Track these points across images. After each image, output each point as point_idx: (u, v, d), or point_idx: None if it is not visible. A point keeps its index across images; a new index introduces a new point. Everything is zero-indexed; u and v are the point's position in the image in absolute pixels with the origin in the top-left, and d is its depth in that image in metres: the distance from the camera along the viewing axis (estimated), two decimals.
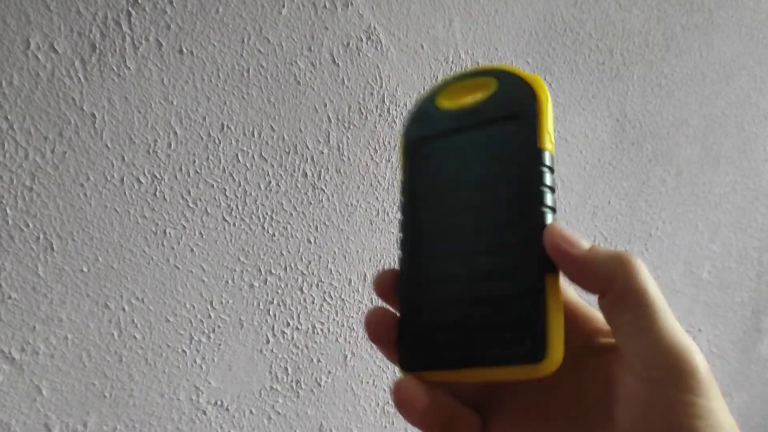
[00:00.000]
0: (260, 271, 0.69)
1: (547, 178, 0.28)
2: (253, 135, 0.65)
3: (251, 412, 0.72)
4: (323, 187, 0.69)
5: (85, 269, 0.61)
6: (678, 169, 0.92)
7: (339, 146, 0.69)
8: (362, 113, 0.69)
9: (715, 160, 0.95)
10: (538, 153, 0.28)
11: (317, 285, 0.72)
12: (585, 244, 0.27)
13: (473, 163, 0.29)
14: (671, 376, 0.24)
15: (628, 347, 0.26)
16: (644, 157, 0.89)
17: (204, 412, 0.70)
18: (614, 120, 0.84)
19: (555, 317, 0.26)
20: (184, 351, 0.67)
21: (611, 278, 0.26)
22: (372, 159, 0.71)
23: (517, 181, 0.28)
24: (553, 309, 0.26)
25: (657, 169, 0.90)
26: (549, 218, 0.27)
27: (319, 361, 0.75)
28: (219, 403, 0.70)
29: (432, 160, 0.31)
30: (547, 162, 0.28)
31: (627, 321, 0.25)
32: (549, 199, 0.28)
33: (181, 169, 0.62)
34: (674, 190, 0.93)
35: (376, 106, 0.70)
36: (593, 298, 0.27)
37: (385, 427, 0.81)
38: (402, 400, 0.28)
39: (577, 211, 0.86)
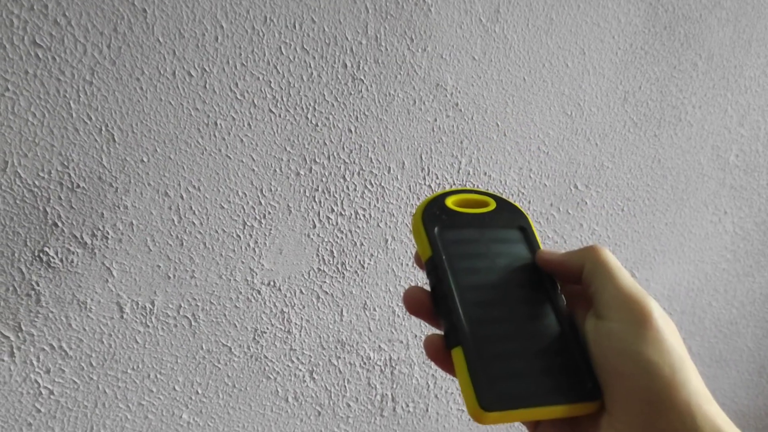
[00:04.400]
0: (305, 160, 0.72)
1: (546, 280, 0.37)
2: (295, 27, 0.67)
3: (301, 291, 0.78)
4: (362, 78, 0.72)
5: (145, 159, 0.65)
6: (709, 53, 0.92)
7: (377, 36, 0.70)
8: (398, 2, 0.70)
9: (746, 42, 0.94)
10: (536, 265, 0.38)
11: (358, 173, 0.75)
12: (559, 251, 0.36)
13: (493, 252, 0.38)
14: (630, 318, 0.31)
15: (600, 302, 0.33)
16: (676, 41, 0.88)
17: (258, 292, 0.75)
18: (647, 3, 0.84)
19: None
20: (238, 236, 0.72)
21: (584, 261, 0.35)
22: (408, 49, 0.73)
23: (528, 273, 0.37)
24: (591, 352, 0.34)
25: (688, 53, 0.90)
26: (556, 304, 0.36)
27: (362, 244, 0.79)
28: (272, 283, 0.76)
29: (455, 243, 0.39)
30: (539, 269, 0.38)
31: (599, 284, 0.33)
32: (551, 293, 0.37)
33: (228, 62, 0.65)
34: (705, 74, 0.93)
35: None
36: None
37: None
38: None
39: (607, 97, 0.87)
